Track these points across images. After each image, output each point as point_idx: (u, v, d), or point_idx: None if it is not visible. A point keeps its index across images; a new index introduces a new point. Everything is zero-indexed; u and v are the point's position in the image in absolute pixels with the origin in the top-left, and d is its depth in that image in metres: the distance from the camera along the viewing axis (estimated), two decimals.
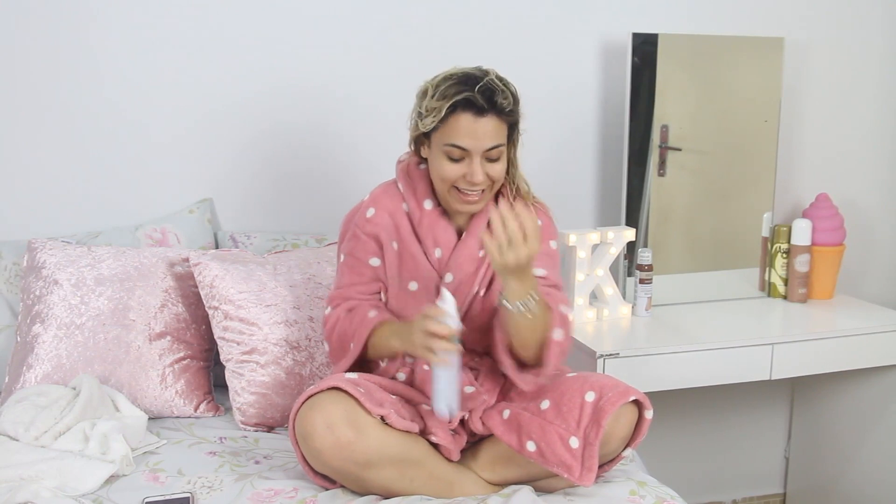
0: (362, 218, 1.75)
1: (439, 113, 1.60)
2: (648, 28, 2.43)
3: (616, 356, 2.07)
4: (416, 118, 1.68)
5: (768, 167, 2.55)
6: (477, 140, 1.60)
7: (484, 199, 1.69)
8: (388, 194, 1.77)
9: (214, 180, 2.31)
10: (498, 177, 1.67)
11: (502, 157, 1.66)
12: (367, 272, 1.76)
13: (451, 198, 1.67)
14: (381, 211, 1.74)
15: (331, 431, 1.51)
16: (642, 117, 2.40)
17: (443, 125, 1.61)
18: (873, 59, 2.74)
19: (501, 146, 1.64)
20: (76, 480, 1.61)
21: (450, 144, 1.62)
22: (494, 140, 1.62)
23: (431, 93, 1.63)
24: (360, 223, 1.76)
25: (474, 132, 1.60)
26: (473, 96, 1.58)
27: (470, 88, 1.59)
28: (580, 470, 1.55)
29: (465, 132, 1.60)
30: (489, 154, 1.62)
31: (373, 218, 1.74)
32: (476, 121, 1.59)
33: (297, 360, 1.94)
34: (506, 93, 1.61)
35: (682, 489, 2.04)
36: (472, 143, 1.60)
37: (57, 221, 2.21)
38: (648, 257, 2.34)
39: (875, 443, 2.50)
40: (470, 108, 1.59)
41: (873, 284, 2.86)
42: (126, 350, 1.94)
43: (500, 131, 1.63)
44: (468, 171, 1.63)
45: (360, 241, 1.75)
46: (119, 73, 2.20)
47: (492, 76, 1.62)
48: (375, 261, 1.75)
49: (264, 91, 2.29)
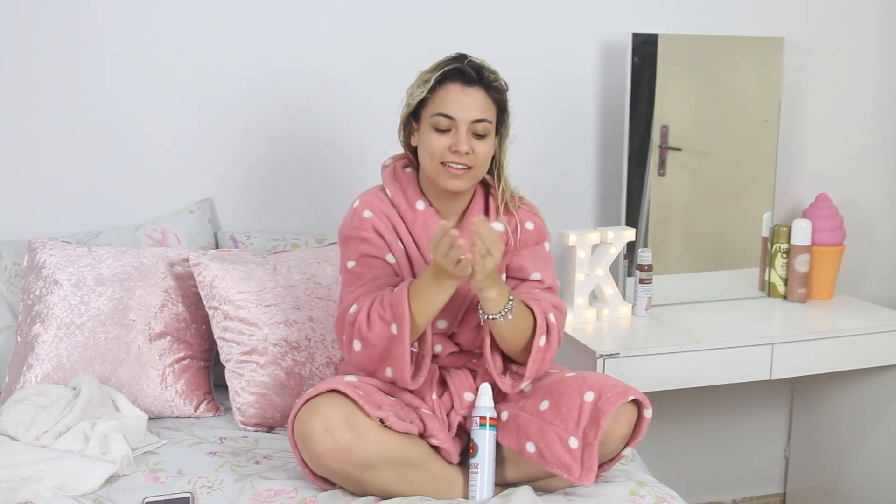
0: (361, 219, 1.72)
1: (429, 83, 1.66)
2: (648, 28, 2.43)
3: (616, 356, 2.07)
4: (406, 98, 1.72)
5: (768, 167, 2.55)
6: (464, 109, 1.64)
7: (468, 178, 1.68)
8: (378, 198, 1.75)
9: (214, 180, 2.31)
10: (483, 155, 1.68)
11: (489, 137, 1.68)
12: (387, 268, 1.70)
13: (440, 175, 1.67)
14: (377, 212, 1.73)
15: (329, 434, 1.51)
16: (642, 117, 2.40)
17: (432, 95, 1.66)
18: (873, 59, 2.74)
19: (488, 122, 1.66)
20: (76, 480, 1.61)
21: (438, 114, 1.65)
22: (481, 113, 1.65)
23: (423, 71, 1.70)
24: (362, 225, 1.71)
25: (461, 101, 1.64)
26: (462, 67, 1.65)
27: (459, 62, 1.66)
28: (580, 470, 1.55)
29: (452, 101, 1.64)
30: (475, 128, 1.65)
31: (371, 218, 1.72)
32: (463, 90, 1.65)
33: (297, 360, 1.95)
34: (493, 71, 1.69)
35: (682, 489, 2.04)
36: (460, 112, 1.64)
37: (57, 221, 2.21)
38: (648, 257, 2.34)
39: (875, 443, 2.50)
40: (458, 77, 1.65)
41: (873, 284, 2.86)
42: (126, 350, 1.94)
43: (488, 107, 1.67)
44: (454, 142, 1.65)
45: (369, 241, 1.70)
46: (119, 73, 2.20)
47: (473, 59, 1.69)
48: (391, 257, 1.71)
49: (264, 91, 2.29)
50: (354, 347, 1.62)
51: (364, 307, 1.61)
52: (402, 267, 1.72)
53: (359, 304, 1.63)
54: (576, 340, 2.15)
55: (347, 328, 1.63)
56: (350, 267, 1.70)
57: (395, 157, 1.81)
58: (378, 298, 1.62)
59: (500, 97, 1.69)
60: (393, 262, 1.71)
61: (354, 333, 1.62)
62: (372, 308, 1.61)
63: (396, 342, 1.58)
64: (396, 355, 1.59)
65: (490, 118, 1.67)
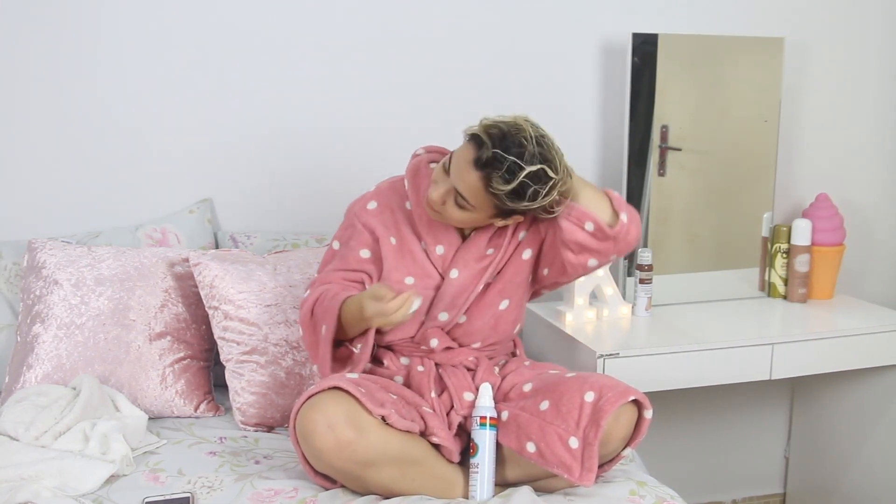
0: (362, 209, 1.80)
1: (465, 135, 1.63)
2: (648, 28, 2.43)
3: (616, 356, 2.07)
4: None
5: (768, 167, 2.55)
6: (455, 175, 1.62)
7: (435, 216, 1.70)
8: (394, 189, 1.80)
9: (214, 180, 2.31)
10: (455, 220, 1.67)
11: (467, 212, 1.65)
12: (354, 262, 1.78)
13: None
14: (382, 205, 1.77)
15: (332, 431, 1.51)
16: (642, 117, 2.40)
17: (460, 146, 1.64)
18: (873, 60, 2.74)
19: (470, 204, 1.62)
20: (76, 480, 1.61)
21: (448, 158, 1.65)
22: (466, 192, 1.61)
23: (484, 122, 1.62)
24: (359, 213, 1.80)
25: (459, 168, 1.61)
26: (485, 148, 1.56)
27: (492, 146, 1.55)
28: (580, 470, 1.55)
29: (456, 159, 1.62)
30: (457, 197, 1.63)
31: (373, 210, 1.79)
32: (469, 163, 1.59)
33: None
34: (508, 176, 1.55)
35: (682, 489, 2.04)
36: (453, 173, 1.62)
37: (57, 221, 2.21)
38: (648, 257, 2.34)
39: (875, 443, 2.50)
40: (475, 149, 1.58)
41: (873, 284, 2.86)
42: (126, 350, 1.94)
43: (480, 195, 1.60)
44: (433, 189, 1.65)
45: (356, 231, 1.79)
46: (119, 73, 2.20)
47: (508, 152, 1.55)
48: (366, 252, 1.78)
49: (264, 91, 2.29)
50: (300, 331, 1.81)
51: (311, 298, 1.73)
52: (386, 260, 1.76)
53: (312, 290, 1.76)
54: (576, 340, 2.15)
55: (300, 308, 1.81)
56: (335, 246, 1.83)
57: (428, 148, 1.82)
58: (323, 294, 1.72)
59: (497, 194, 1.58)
60: (365, 258, 1.77)
61: (300, 317, 1.77)
62: (317, 302, 1.72)
63: (321, 342, 1.71)
64: (320, 353, 1.72)
65: (475, 203, 1.62)
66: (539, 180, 1.57)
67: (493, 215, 1.67)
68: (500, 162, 1.55)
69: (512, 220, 1.70)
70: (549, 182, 1.57)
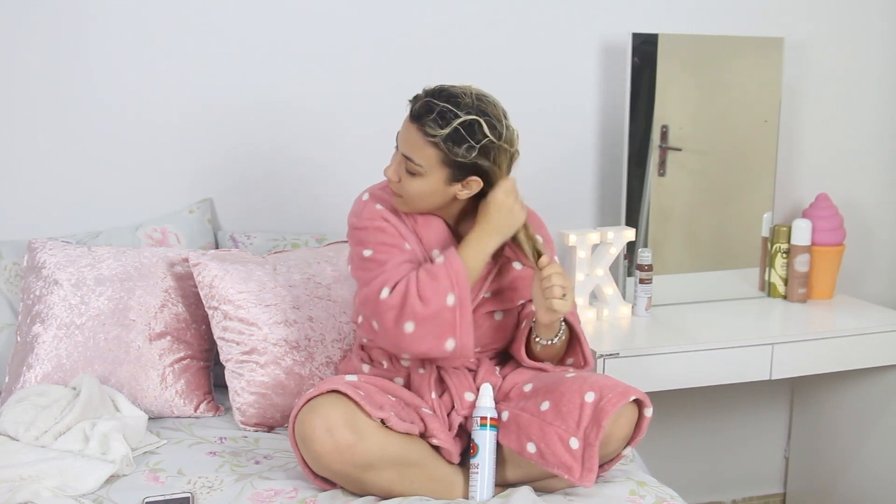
0: (373, 210, 1.70)
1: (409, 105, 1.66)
2: (648, 28, 2.43)
3: (616, 356, 2.07)
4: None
5: (768, 167, 2.55)
6: (401, 141, 1.65)
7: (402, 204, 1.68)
8: (386, 192, 1.75)
9: (214, 180, 2.31)
10: (412, 192, 1.64)
11: (420, 177, 1.62)
12: (407, 254, 1.67)
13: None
14: (386, 207, 1.73)
15: (330, 435, 1.51)
16: (642, 117, 2.40)
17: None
18: (873, 59, 2.74)
19: (416, 164, 1.61)
20: (76, 480, 1.61)
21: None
22: (410, 151, 1.61)
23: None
24: (374, 216, 1.69)
25: (402, 130, 1.65)
26: (419, 99, 1.62)
27: (425, 96, 1.61)
28: (580, 471, 1.55)
29: (401, 127, 1.65)
30: (407, 163, 1.63)
31: (383, 211, 1.70)
32: (407, 119, 1.63)
33: (297, 360, 1.95)
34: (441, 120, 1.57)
35: (682, 489, 2.04)
36: (399, 140, 1.65)
37: (57, 221, 2.21)
38: (648, 257, 2.34)
39: (875, 443, 2.50)
40: (412, 105, 1.63)
41: (873, 284, 2.86)
42: (126, 350, 1.94)
43: (422, 149, 1.60)
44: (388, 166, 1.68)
45: (385, 230, 1.68)
46: (119, 73, 2.20)
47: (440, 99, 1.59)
48: (408, 245, 1.69)
49: (264, 91, 2.29)
50: (406, 330, 1.58)
51: (410, 287, 1.58)
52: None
53: (391, 287, 1.60)
54: None
55: (388, 312, 1.59)
56: (367, 255, 1.66)
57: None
58: (419, 276, 1.59)
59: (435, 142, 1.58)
60: (409, 250, 1.68)
61: (404, 317, 1.57)
62: (420, 286, 1.58)
63: (459, 311, 1.58)
64: (462, 324, 1.59)
65: (421, 161, 1.60)
66: (474, 131, 1.58)
67: (447, 178, 1.62)
68: (432, 108, 1.58)
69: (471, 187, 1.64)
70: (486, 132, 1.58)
